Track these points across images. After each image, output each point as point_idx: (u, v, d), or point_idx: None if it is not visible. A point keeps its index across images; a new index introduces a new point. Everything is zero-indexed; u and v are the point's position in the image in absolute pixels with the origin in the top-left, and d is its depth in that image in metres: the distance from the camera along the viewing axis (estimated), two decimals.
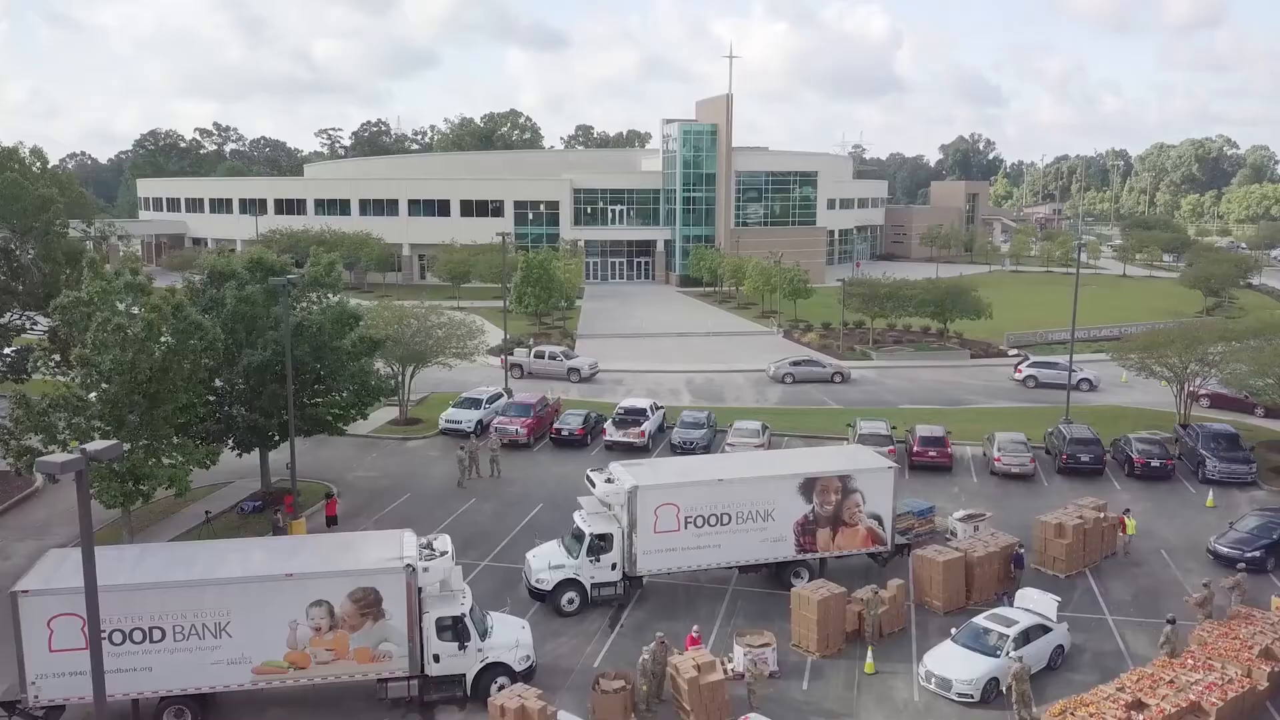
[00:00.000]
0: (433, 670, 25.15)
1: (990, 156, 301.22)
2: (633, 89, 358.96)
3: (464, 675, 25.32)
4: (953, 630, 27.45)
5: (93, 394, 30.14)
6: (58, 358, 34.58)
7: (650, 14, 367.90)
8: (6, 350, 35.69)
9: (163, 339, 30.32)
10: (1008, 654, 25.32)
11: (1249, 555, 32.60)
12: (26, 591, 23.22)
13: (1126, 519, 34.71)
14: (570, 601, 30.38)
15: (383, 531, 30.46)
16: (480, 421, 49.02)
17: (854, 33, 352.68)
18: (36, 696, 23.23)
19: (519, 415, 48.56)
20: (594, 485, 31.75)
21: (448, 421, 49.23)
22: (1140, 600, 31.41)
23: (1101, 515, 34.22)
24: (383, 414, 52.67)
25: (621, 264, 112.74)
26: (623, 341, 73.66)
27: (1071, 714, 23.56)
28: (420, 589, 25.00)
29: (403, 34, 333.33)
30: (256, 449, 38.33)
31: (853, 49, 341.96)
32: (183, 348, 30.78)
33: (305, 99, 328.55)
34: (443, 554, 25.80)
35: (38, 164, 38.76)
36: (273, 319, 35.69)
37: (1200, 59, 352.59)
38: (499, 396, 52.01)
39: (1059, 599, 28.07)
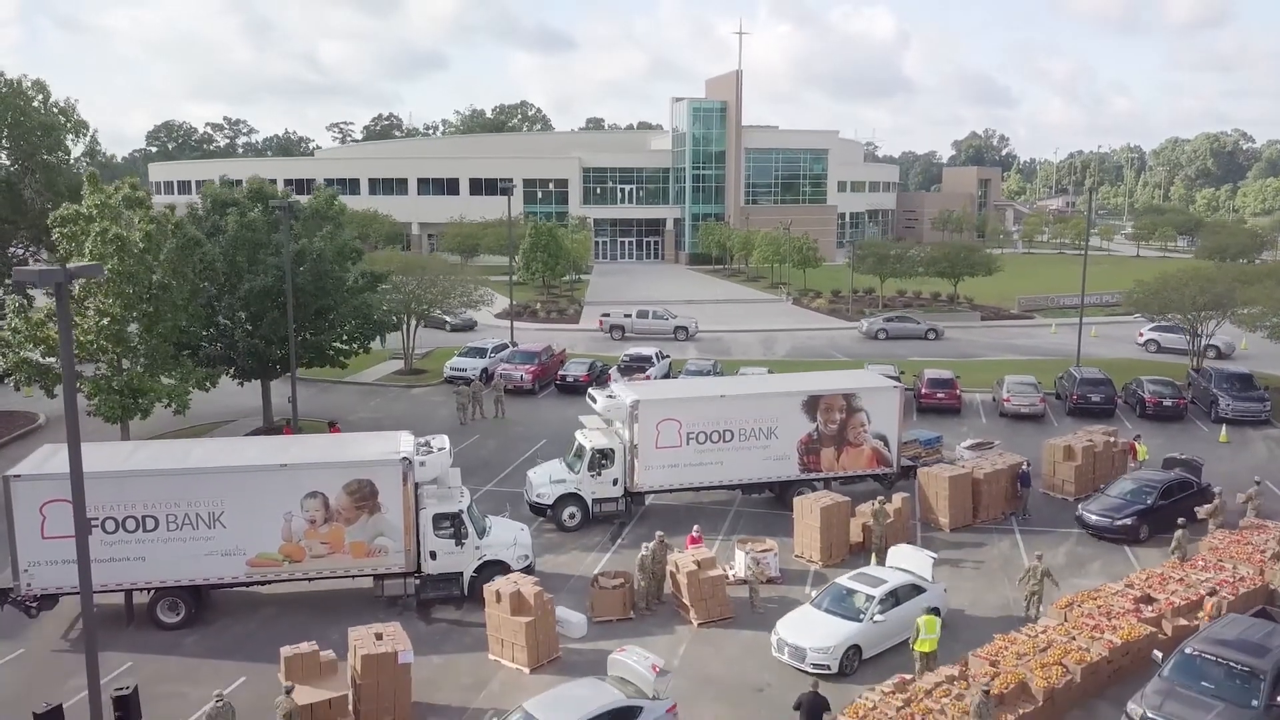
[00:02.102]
0: (429, 568, 24.83)
1: (1004, 152, 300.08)
2: (638, 90, 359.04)
3: (461, 573, 25.00)
4: (813, 593, 24.08)
5: (90, 308, 29.97)
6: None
7: (654, 15, 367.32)
8: (8, 280, 35.56)
9: (162, 254, 30.14)
10: (872, 618, 22.00)
11: (1119, 523, 28.59)
12: (19, 476, 23.00)
13: (1138, 445, 34.13)
14: (571, 516, 30.04)
15: (379, 432, 30.20)
16: (485, 370, 48.75)
17: (858, 34, 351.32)
18: (29, 585, 23.00)
19: (524, 362, 48.34)
20: (595, 401, 31.41)
21: (452, 369, 49.03)
22: None
23: (1112, 440, 33.68)
24: (388, 365, 52.63)
25: (630, 243, 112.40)
26: (631, 308, 73.12)
27: (1079, 605, 23.14)
28: (417, 484, 24.70)
29: (408, 36, 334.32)
30: (258, 381, 38.16)
31: (857, 50, 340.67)
32: (182, 265, 30.61)
33: (313, 101, 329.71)
34: (440, 450, 25.50)
35: (40, 96, 38.70)
36: (274, 246, 35.50)
37: (1206, 59, 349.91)
38: (504, 347, 51.76)
39: (935, 556, 24.86)
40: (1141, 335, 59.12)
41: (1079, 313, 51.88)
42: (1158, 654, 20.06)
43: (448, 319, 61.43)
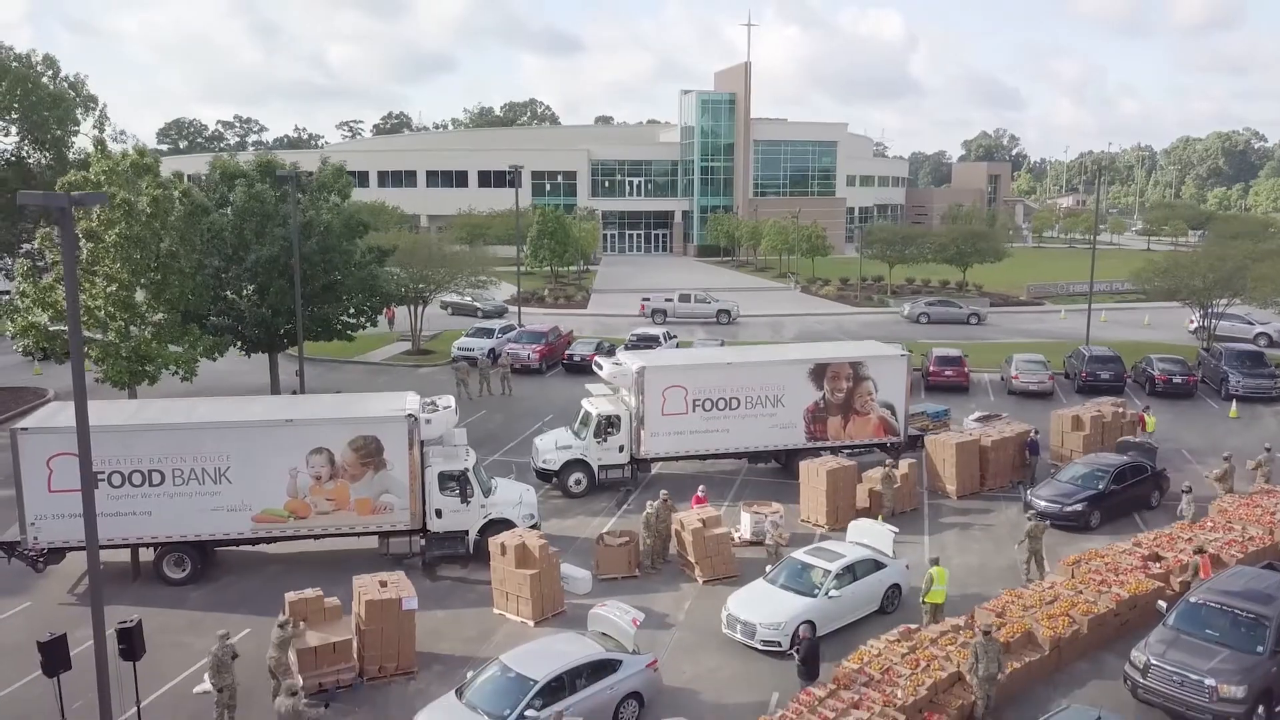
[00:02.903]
0: (435, 525, 24.82)
1: (1014, 152, 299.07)
2: (646, 93, 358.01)
3: (466, 532, 24.99)
4: (768, 568, 22.79)
5: (98, 275, 30.04)
6: None
7: (660, 17, 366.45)
8: (23, 246, 35.67)
9: (170, 220, 30.22)
10: (827, 594, 20.78)
11: (1069, 509, 26.78)
12: (26, 429, 23.08)
13: (1146, 416, 33.98)
14: (577, 482, 30.01)
15: (384, 393, 30.19)
16: (493, 350, 48.75)
17: (865, 36, 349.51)
18: (36, 538, 23.05)
19: (531, 342, 48.37)
20: (602, 368, 31.39)
21: (460, 349, 48.99)
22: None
23: (1120, 411, 33.51)
24: (396, 346, 52.71)
25: (639, 236, 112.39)
26: (637, 297, 73.14)
27: (1086, 563, 23.01)
28: (423, 442, 24.71)
29: (416, 39, 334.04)
30: (265, 355, 38.23)
31: (864, 52, 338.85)
32: (189, 233, 30.68)
33: (322, 103, 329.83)
34: (445, 409, 25.51)
35: (50, 71, 38.84)
36: (281, 217, 35.57)
37: (1216, 61, 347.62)
38: (511, 328, 51.81)
39: (896, 530, 23.67)
40: (1191, 323, 56.33)
41: (1088, 297, 51.74)
42: (1162, 604, 19.95)
43: (479, 306, 61.65)
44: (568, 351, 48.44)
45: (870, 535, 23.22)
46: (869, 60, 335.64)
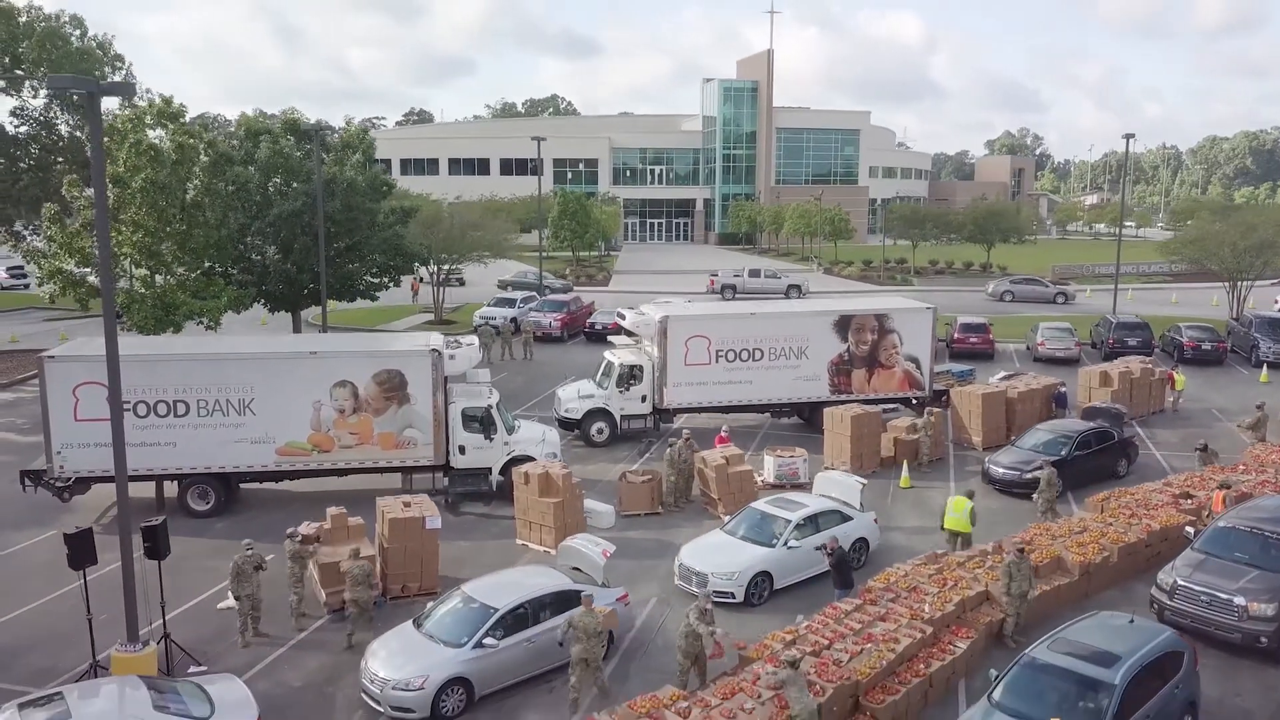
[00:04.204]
0: (458, 463, 24.79)
1: (1038, 151, 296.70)
2: (665, 97, 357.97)
3: (490, 469, 24.94)
4: (726, 517, 22.06)
5: (124, 221, 30.17)
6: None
7: (678, 20, 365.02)
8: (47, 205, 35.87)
9: (195, 167, 30.35)
10: (786, 544, 19.62)
11: (1029, 476, 24.59)
12: (53, 357, 23.23)
13: (1175, 374, 33.58)
14: (600, 431, 29.92)
15: (408, 333, 30.17)
16: (514, 320, 48.78)
17: (883, 38, 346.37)
18: (62, 466, 23.17)
19: (553, 311, 48.40)
20: (624, 318, 31.31)
21: (481, 318, 49.05)
22: (1189, 442, 30.16)
23: (1149, 368, 33.12)
24: (417, 317, 52.82)
25: (660, 224, 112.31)
26: (659, 277, 73.15)
27: (1115, 500, 22.71)
28: (446, 378, 24.68)
29: (435, 43, 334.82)
30: (288, 315, 38.35)
31: (883, 55, 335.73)
32: (214, 182, 30.78)
33: (342, 105, 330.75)
34: (469, 345, 25.49)
35: (78, 31, 39.09)
36: (305, 173, 35.66)
37: (1239, 65, 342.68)
38: (532, 299, 51.84)
39: (864, 482, 22.40)
40: (1278, 301, 54.84)
41: (1115, 274, 51.14)
42: (1190, 530, 19.67)
43: (547, 285, 61.38)
44: (589, 320, 48.47)
45: (837, 487, 22.02)
46: (888, 62, 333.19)
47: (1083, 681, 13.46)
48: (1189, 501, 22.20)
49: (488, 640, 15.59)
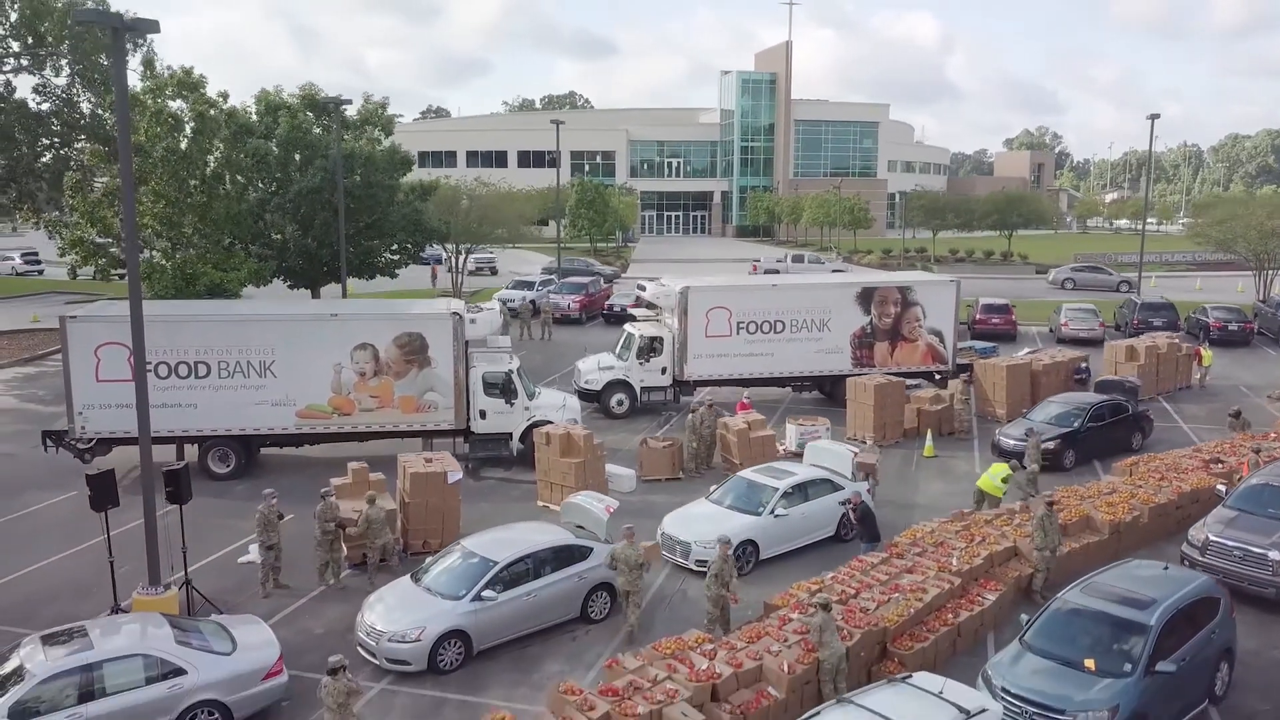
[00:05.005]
0: (479, 427, 24.69)
1: (1057, 150, 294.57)
2: (681, 97, 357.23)
3: (510, 434, 24.82)
4: (712, 487, 21.20)
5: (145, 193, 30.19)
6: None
7: (693, 21, 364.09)
8: (69, 174, 35.91)
9: (216, 138, 30.36)
10: (772, 512, 18.97)
11: (1041, 446, 23.51)
12: (75, 317, 23.24)
13: (1203, 350, 33.16)
14: (619, 403, 29.77)
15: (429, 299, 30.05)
16: (533, 302, 48.69)
17: (899, 39, 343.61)
18: (84, 427, 23.17)
19: (571, 293, 48.31)
20: (644, 290, 31.14)
21: (499, 299, 48.99)
22: (1216, 416, 29.80)
23: (1176, 343, 32.72)
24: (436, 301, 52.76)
25: (678, 217, 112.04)
26: (677, 265, 72.88)
27: (1145, 464, 22.39)
28: (467, 343, 24.57)
29: (451, 44, 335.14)
30: (307, 291, 38.33)
31: (899, 56, 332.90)
32: (234, 153, 30.79)
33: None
34: (489, 310, 25.37)
35: (100, 7, 39.05)
36: (324, 148, 35.63)
37: (1260, 66, 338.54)
38: (550, 282, 51.75)
39: (856, 451, 21.79)
40: None
41: (1139, 260, 50.74)
42: (1221, 487, 19.38)
43: (599, 272, 61.18)
44: (608, 302, 48.37)
45: (829, 456, 21.32)
46: (904, 63, 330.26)
47: (1117, 623, 13.21)
48: (1219, 466, 21.85)
49: (487, 593, 15.37)
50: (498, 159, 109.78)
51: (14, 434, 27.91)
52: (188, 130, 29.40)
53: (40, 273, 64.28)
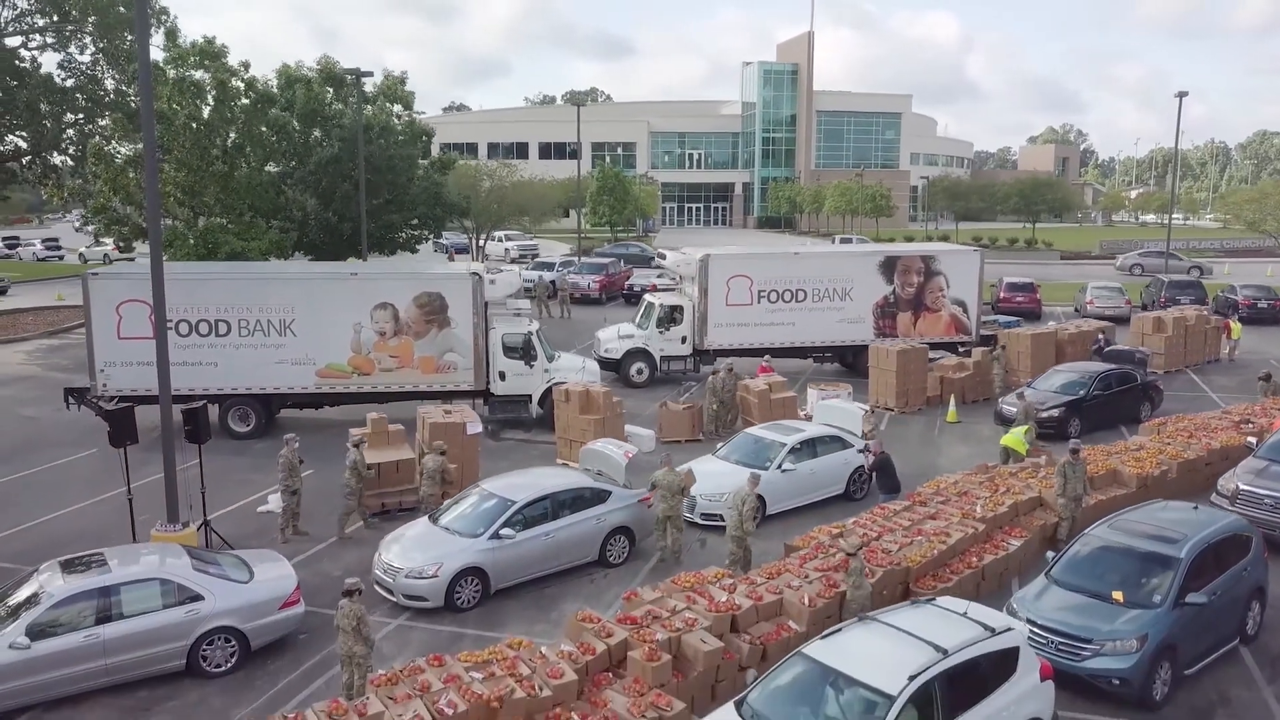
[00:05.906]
0: (498, 389, 24.63)
1: (1081, 148, 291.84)
2: (700, 97, 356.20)
3: (530, 396, 24.74)
4: (718, 445, 21.11)
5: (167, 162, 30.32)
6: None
7: (711, 21, 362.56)
8: (93, 141, 36.06)
9: (237, 107, 30.44)
10: (779, 467, 18.76)
11: (1044, 414, 23.48)
12: (96, 274, 23.34)
13: (1232, 323, 32.69)
14: (639, 372, 29.64)
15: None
16: (553, 283, 48.65)
17: (919, 39, 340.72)
18: (105, 384, 23.24)
19: (591, 273, 48.26)
20: (665, 258, 30.98)
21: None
22: (1247, 387, 29.34)
23: (1204, 314, 32.26)
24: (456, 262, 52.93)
25: (699, 209, 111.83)
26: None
27: (1173, 424, 22.05)
28: (487, 304, 24.50)
29: (470, 45, 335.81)
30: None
31: (918, 57, 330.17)
32: (254, 123, 30.85)
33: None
34: (509, 271, 25.29)
35: None
36: (342, 117, 35.66)
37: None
38: (570, 264, 51.73)
39: (866, 409, 21.55)
40: None
41: (1165, 243, 50.11)
42: (1251, 440, 19.04)
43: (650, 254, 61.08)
44: (628, 283, 48.33)
45: (840, 415, 21.02)
46: (924, 63, 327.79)
47: (1147, 557, 12.97)
48: (1249, 426, 21.48)
49: (505, 531, 15.29)
50: (519, 150, 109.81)
51: (37, 398, 28.11)
52: (209, 99, 29.44)
53: (60, 258, 66.74)
